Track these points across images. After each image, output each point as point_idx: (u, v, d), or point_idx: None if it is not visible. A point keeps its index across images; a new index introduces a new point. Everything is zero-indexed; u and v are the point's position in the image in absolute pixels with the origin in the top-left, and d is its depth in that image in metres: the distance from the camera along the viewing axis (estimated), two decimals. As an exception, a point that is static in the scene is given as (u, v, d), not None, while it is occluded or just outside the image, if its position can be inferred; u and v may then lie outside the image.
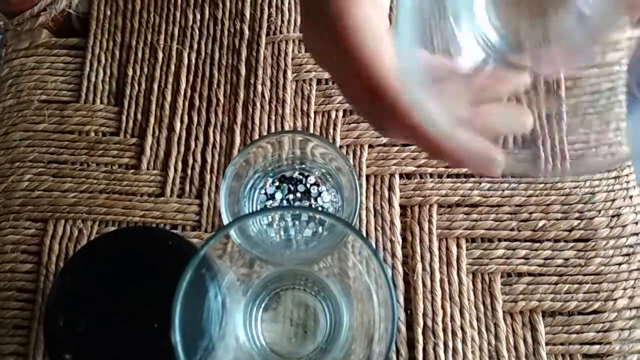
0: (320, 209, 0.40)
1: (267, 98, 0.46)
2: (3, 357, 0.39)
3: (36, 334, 0.39)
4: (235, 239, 0.30)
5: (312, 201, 0.40)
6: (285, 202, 0.40)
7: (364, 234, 0.42)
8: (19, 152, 0.45)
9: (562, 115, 0.25)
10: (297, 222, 0.39)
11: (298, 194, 0.40)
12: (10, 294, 0.41)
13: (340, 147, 0.44)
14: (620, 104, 0.25)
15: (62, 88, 0.47)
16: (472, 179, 0.43)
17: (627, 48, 0.24)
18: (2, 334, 0.40)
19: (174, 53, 0.47)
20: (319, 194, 0.40)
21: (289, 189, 0.40)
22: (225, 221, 0.34)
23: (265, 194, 0.40)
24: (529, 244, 0.41)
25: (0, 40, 0.50)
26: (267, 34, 0.47)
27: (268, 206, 0.40)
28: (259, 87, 0.46)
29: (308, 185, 0.40)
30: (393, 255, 0.41)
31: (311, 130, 0.45)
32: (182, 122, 0.45)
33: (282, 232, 0.39)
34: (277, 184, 0.40)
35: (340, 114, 0.45)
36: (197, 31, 0.48)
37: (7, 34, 0.49)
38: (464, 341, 0.39)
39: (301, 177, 0.40)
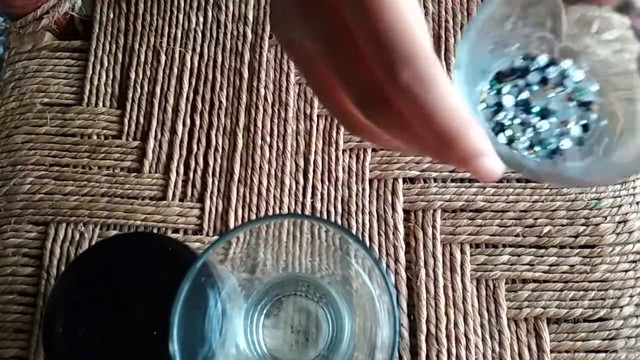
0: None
1: (269, 101, 0.45)
2: (3, 361, 0.39)
3: (37, 338, 0.39)
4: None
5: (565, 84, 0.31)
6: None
7: (367, 239, 0.41)
8: (21, 155, 0.45)
9: None
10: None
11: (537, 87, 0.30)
12: (11, 297, 0.40)
13: (343, 150, 0.44)
14: None
15: (65, 91, 0.47)
16: (476, 184, 0.42)
17: None
18: (2, 338, 0.39)
19: (176, 56, 0.47)
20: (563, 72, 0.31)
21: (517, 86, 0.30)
22: None
23: (487, 107, 0.31)
24: (534, 250, 0.41)
25: (3, 42, 0.50)
26: (270, 37, 0.47)
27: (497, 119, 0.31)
28: (262, 90, 0.46)
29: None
30: (396, 260, 0.41)
31: (314, 134, 0.44)
32: (184, 125, 0.45)
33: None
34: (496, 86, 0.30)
35: (344, 117, 0.44)
36: (200, 34, 0.48)
37: (10, 36, 0.49)
38: (467, 348, 0.39)
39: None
